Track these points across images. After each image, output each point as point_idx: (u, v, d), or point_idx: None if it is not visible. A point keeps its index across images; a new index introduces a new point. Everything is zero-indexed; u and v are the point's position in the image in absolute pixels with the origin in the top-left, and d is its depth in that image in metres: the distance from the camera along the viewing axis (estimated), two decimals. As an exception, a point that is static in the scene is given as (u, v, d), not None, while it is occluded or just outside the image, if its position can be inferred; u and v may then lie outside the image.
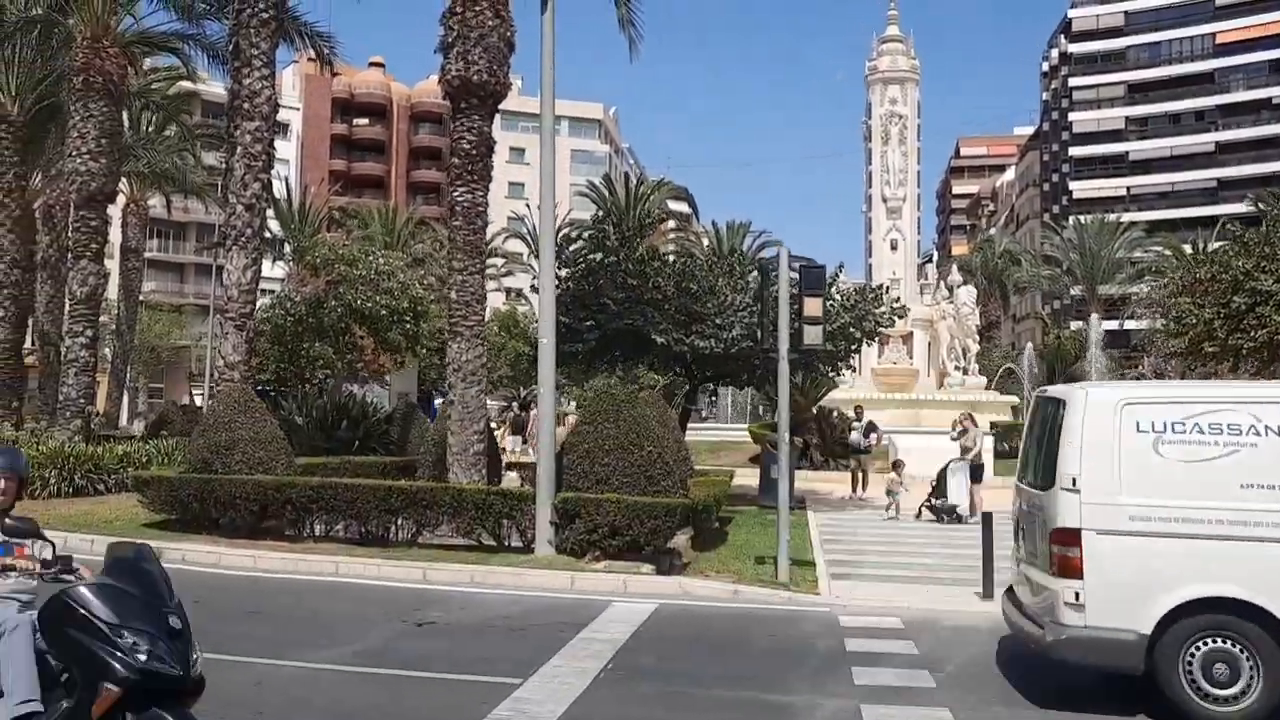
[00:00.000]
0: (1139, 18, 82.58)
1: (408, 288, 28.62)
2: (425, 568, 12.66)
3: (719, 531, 16.62)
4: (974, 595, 11.91)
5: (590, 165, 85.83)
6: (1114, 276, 62.78)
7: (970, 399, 36.39)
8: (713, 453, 31.29)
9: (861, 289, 22.01)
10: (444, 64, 16.29)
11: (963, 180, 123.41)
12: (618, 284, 20.54)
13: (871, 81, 41.23)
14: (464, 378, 16.00)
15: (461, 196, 16.38)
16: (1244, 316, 20.93)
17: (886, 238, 39.93)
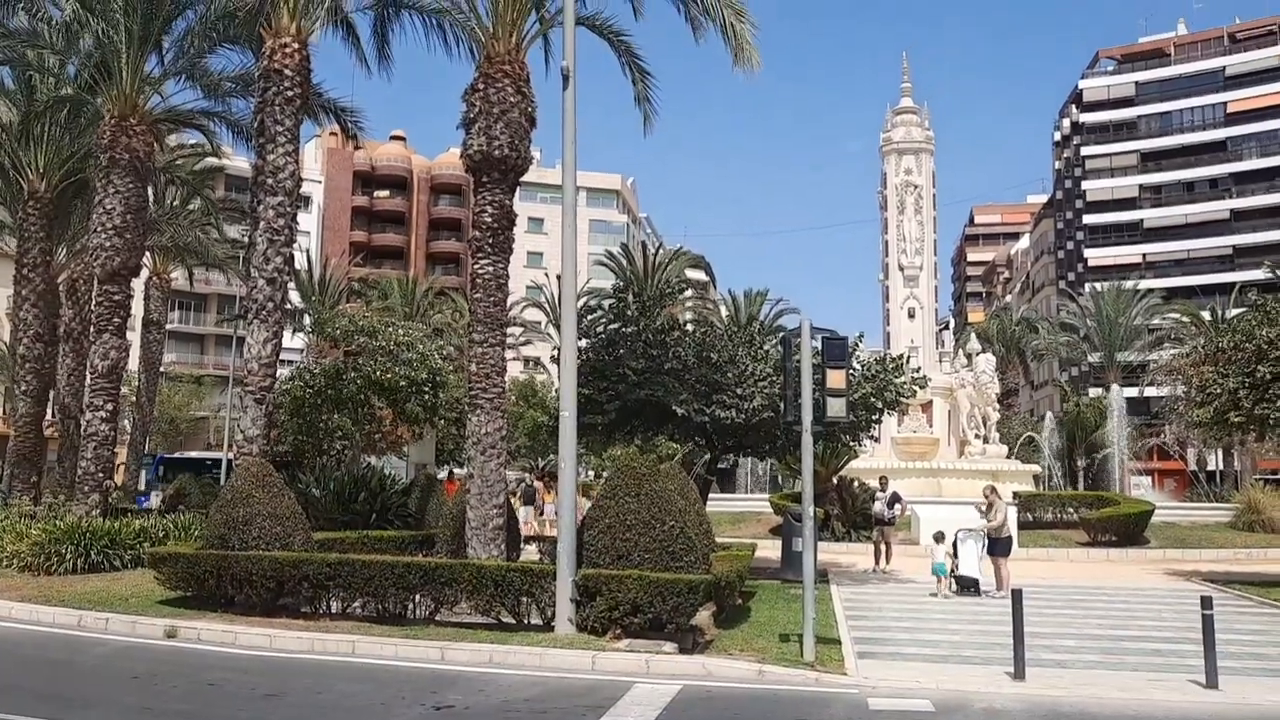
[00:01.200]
0: (1149, 88, 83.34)
1: (427, 358, 28.62)
2: (443, 647, 12.44)
3: (742, 607, 16.34)
4: (1005, 675, 11.59)
5: (608, 235, 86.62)
6: (1132, 343, 62.46)
7: (991, 468, 36.01)
8: (733, 524, 30.95)
9: (882, 359, 21.89)
10: (466, 139, 16.50)
11: (978, 248, 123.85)
12: (638, 354, 20.50)
13: (886, 152, 41.58)
14: (483, 450, 15.91)
15: (482, 269, 16.47)
16: (1269, 386, 20.63)
17: (904, 306, 39.90)
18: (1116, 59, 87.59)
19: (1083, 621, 16.28)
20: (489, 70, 16.34)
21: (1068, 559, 27.68)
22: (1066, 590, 20.32)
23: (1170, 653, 13.38)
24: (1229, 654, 12.76)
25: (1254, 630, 15.68)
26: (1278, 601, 18.67)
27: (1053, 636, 14.44)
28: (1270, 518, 31.45)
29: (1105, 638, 14.70)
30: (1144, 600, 19.24)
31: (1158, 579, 23.14)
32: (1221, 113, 79.81)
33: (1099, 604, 18.63)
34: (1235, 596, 19.71)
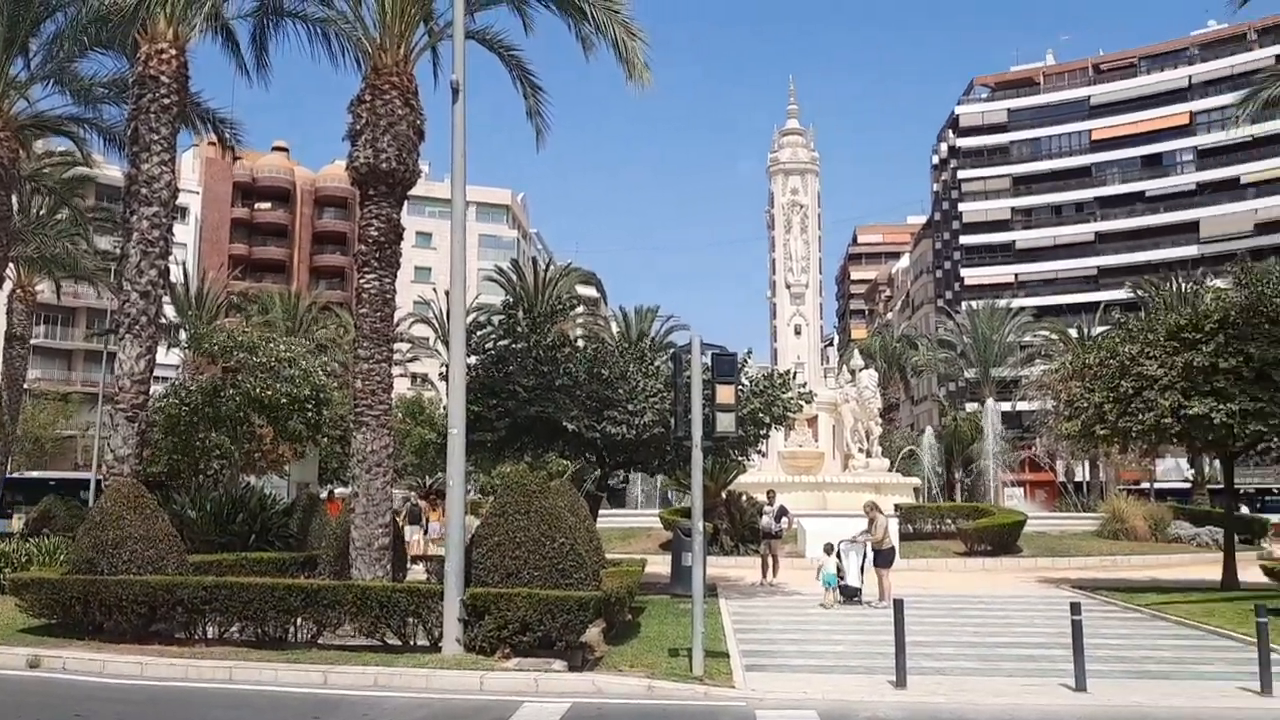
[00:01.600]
0: (1020, 115, 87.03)
1: (309, 375, 27.92)
2: (326, 670, 12.12)
3: (632, 623, 16.36)
4: (887, 683, 11.87)
5: (498, 250, 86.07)
6: (1005, 360, 64.88)
7: (874, 481, 36.93)
8: (624, 540, 30.98)
9: (770, 374, 22.24)
10: (352, 151, 16.19)
11: (861, 267, 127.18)
12: (528, 370, 20.38)
13: (774, 172, 42.41)
14: (369, 469, 15.59)
15: (369, 284, 16.16)
16: (1132, 400, 21.69)
17: (790, 323, 40.68)
18: (990, 86, 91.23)
19: (961, 629, 16.79)
20: (376, 82, 16.09)
21: (946, 568, 28.53)
22: (945, 599, 20.92)
23: (1042, 658, 13.89)
24: (1097, 657, 13.32)
25: (1120, 634, 16.42)
26: (1141, 606, 19.58)
27: (933, 645, 14.84)
28: (1133, 526, 33.00)
29: (982, 645, 15.20)
30: (1018, 607, 19.95)
31: (1030, 586, 24.02)
32: (1087, 140, 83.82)
33: (976, 612, 19.24)
34: (1102, 602, 20.60)
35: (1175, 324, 22.37)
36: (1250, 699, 11.47)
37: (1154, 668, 13.50)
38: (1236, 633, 15.74)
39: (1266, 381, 20.57)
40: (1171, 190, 79.68)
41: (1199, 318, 22.04)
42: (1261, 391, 20.54)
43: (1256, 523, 37.84)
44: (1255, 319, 21.05)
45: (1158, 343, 22.08)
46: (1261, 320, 20.95)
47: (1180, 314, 23.57)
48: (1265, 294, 21.30)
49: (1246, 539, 34.11)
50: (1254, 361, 20.50)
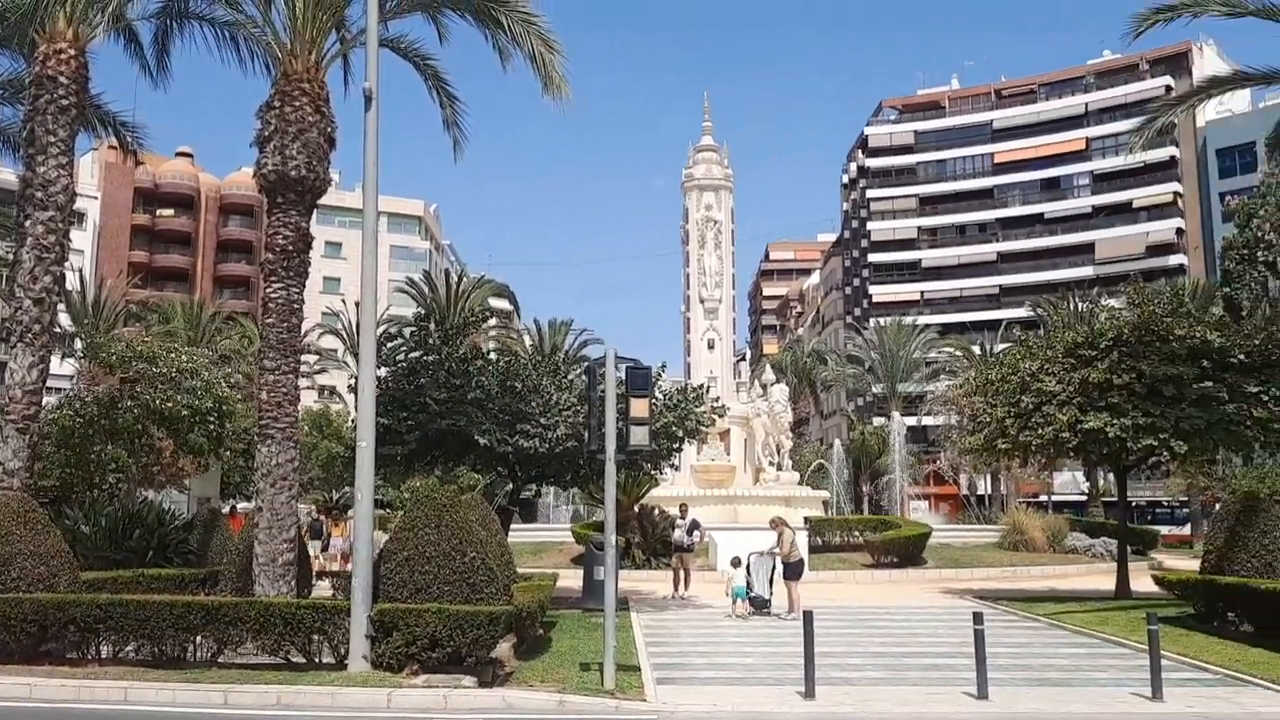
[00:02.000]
0: (927, 137, 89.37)
1: (212, 386, 27.16)
2: (227, 690, 11.78)
3: (543, 638, 16.25)
4: (796, 694, 12.01)
5: (410, 261, 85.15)
6: (911, 375, 66.36)
7: (784, 494, 37.37)
8: (536, 554, 30.78)
9: (683, 388, 22.37)
10: (260, 158, 15.83)
11: (772, 283, 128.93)
12: (440, 383, 20.14)
13: (688, 188, 42.76)
14: (274, 482, 15.21)
15: (275, 293, 15.79)
16: (1032, 415, 22.38)
17: (704, 337, 41.00)
18: (898, 109, 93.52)
19: (868, 640, 17.07)
20: (286, 88, 15.77)
21: (854, 580, 28.98)
22: (854, 611, 21.25)
23: (946, 667, 14.20)
24: (998, 666, 13.65)
25: (1020, 643, 16.87)
26: (1040, 616, 20.15)
27: (842, 655, 15.07)
28: (1032, 537, 33.97)
29: (889, 655, 15.47)
30: (923, 618, 20.36)
31: (935, 597, 24.54)
32: (990, 162, 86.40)
33: (883, 623, 19.58)
34: (1003, 612, 21.14)
35: (1072, 341, 23.16)
36: (1142, 704, 11.89)
37: (1052, 675, 13.90)
38: (1129, 640, 16.30)
39: (1157, 397, 21.41)
40: (1069, 213, 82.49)
41: (1094, 336, 22.85)
42: (1153, 407, 21.37)
43: (1147, 534, 39.32)
44: (1147, 337, 21.91)
45: (1056, 359, 22.83)
46: (1152, 339, 21.80)
47: (1077, 332, 24.40)
48: (1155, 314, 22.19)
49: (1138, 550, 35.37)
50: (1145, 378, 21.32)
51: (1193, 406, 21.22)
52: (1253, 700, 12.16)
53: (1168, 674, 12.89)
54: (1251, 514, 18.28)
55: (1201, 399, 21.20)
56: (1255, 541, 17.90)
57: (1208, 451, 22.78)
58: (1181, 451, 21.67)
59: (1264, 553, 17.73)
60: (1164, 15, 18.43)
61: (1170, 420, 21.24)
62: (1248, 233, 28.22)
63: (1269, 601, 15.96)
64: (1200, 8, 18.33)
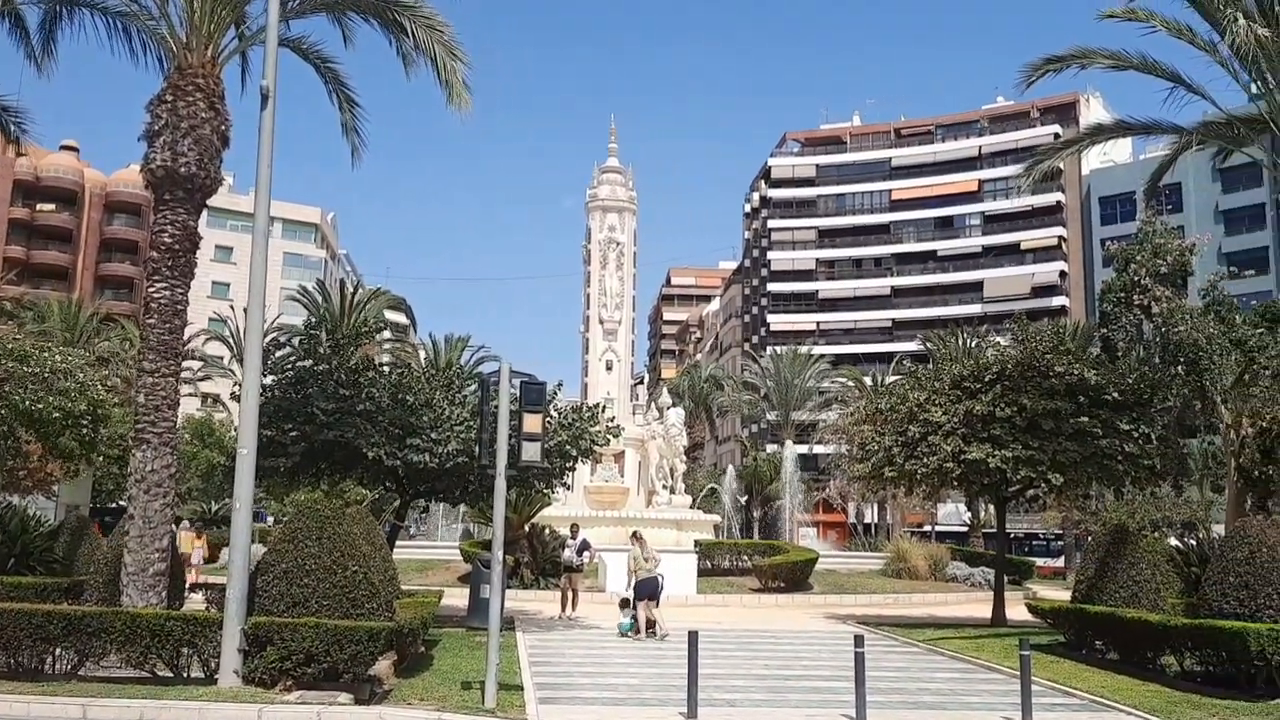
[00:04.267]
0: (828, 171, 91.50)
1: (86, 388, 25.98)
2: (86, 704, 11.21)
3: (425, 656, 15.94)
4: (679, 715, 11.99)
5: (304, 270, 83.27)
6: (805, 404, 67.49)
7: (676, 517, 37.52)
8: (422, 572, 30.26)
9: (579, 407, 22.29)
10: (149, 152, 15.28)
11: (673, 308, 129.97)
12: (328, 394, 19.63)
13: (592, 208, 42.82)
14: (148, 489, 14.60)
15: (159, 293, 15.23)
16: (918, 444, 22.95)
17: (603, 358, 40.99)
18: (801, 141, 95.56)
19: (753, 663, 17.17)
20: (180, 82, 15.28)
21: (741, 604, 29.18)
22: (740, 634, 21.38)
23: (827, 690, 14.37)
24: (877, 689, 13.87)
25: (899, 667, 17.19)
26: (919, 641, 20.58)
27: (726, 677, 15.12)
28: (914, 565, 34.75)
29: (772, 677, 15.59)
30: (807, 642, 20.60)
31: (820, 622, 24.86)
32: (887, 199, 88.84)
33: (768, 646, 19.73)
34: (884, 637, 21.53)
35: (959, 375, 23.86)
36: (1012, 728, 12.21)
37: (929, 699, 14.19)
38: (1002, 666, 16.74)
39: (1036, 430, 22.18)
40: (961, 251, 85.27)
41: (980, 369, 23.58)
42: (1032, 439, 22.13)
43: (1024, 565, 40.64)
44: (1028, 373, 22.71)
45: (943, 391, 23.48)
46: (1034, 374, 22.61)
47: (964, 365, 25.15)
48: (1037, 351, 23.01)
49: (1015, 579, 36.49)
50: (1026, 411, 22.07)
51: (1069, 440, 22.04)
52: (1115, 725, 12.60)
53: (1038, 699, 13.25)
54: (1120, 545, 19.00)
55: (1077, 433, 22.04)
56: (1123, 573, 18.58)
57: (1082, 484, 23.66)
58: (1058, 483, 22.46)
59: (1130, 584, 18.42)
60: (1054, 65, 19.21)
61: (1048, 453, 22.02)
62: (1124, 277, 29.44)
63: (1134, 630, 16.57)
64: (1087, 59, 19.17)
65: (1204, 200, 70.00)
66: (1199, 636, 15.03)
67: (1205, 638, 14.88)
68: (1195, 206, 69.81)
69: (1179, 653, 15.77)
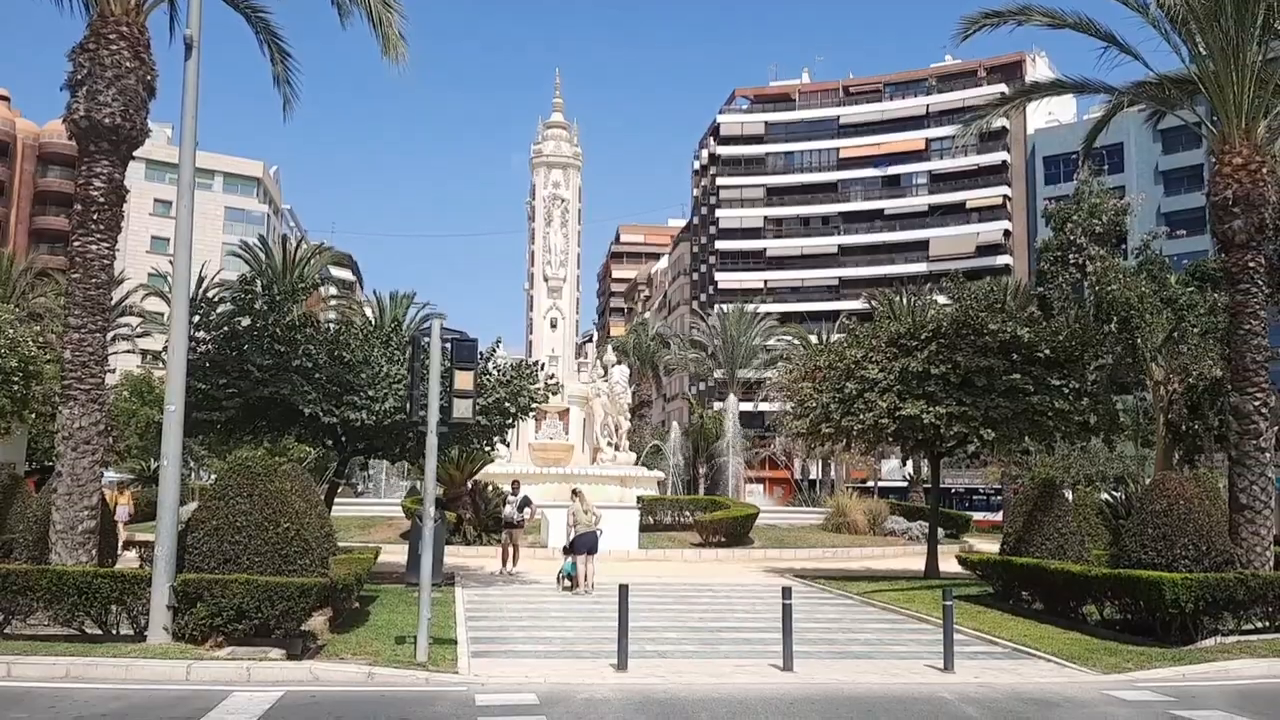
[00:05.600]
0: (776, 128, 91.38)
1: (17, 345, 25.49)
2: (10, 662, 11.14)
3: (361, 611, 16.01)
4: (609, 666, 12.19)
5: (246, 224, 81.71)
6: (751, 361, 67.88)
7: (620, 474, 37.78)
8: (364, 529, 30.21)
9: (518, 365, 22.27)
10: (71, 102, 14.86)
11: (622, 265, 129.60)
12: (263, 349, 19.43)
13: (536, 164, 42.45)
14: (75, 446, 14.37)
15: (84, 247, 14.90)
16: (854, 401, 23.27)
17: (547, 316, 40.89)
18: (750, 98, 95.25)
19: (687, 615, 17.46)
20: (103, 29, 14.84)
21: (682, 559, 29.56)
22: (677, 587, 21.68)
23: (759, 641, 14.65)
24: (808, 639, 14.22)
25: (830, 619, 17.58)
26: (853, 594, 21.03)
27: (660, 630, 15.37)
28: (854, 520, 35.38)
29: (705, 629, 15.87)
30: (743, 595, 20.95)
31: (757, 576, 25.27)
32: (835, 157, 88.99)
33: (704, 599, 20.05)
34: (819, 589, 21.96)
35: (895, 332, 24.18)
36: (934, 674, 12.58)
37: (857, 649, 14.55)
38: (931, 616, 17.16)
39: (970, 387, 22.58)
40: (907, 210, 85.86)
41: (916, 327, 23.91)
42: (965, 396, 22.54)
43: (960, 519, 41.52)
44: (963, 331, 23.06)
45: (880, 349, 23.79)
46: (968, 332, 22.97)
47: (900, 323, 25.47)
48: (972, 309, 23.38)
49: (951, 533, 37.30)
50: (960, 369, 22.45)
51: (1001, 397, 22.48)
52: (1033, 671, 13.03)
53: (962, 648, 13.66)
54: (1048, 499, 19.50)
55: (1010, 390, 22.47)
56: (1050, 525, 19.10)
57: (1014, 439, 24.14)
58: (989, 439, 22.92)
59: (1057, 535, 18.95)
60: (991, 20, 19.27)
61: (980, 409, 22.45)
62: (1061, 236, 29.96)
63: (1057, 580, 17.08)
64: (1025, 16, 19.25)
65: (1145, 160, 71.08)
66: (1118, 586, 15.54)
67: (1124, 587, 15.39)
68: (1136, 166, 70.89)
69: (1100, 602, 16.30)
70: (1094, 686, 12.13)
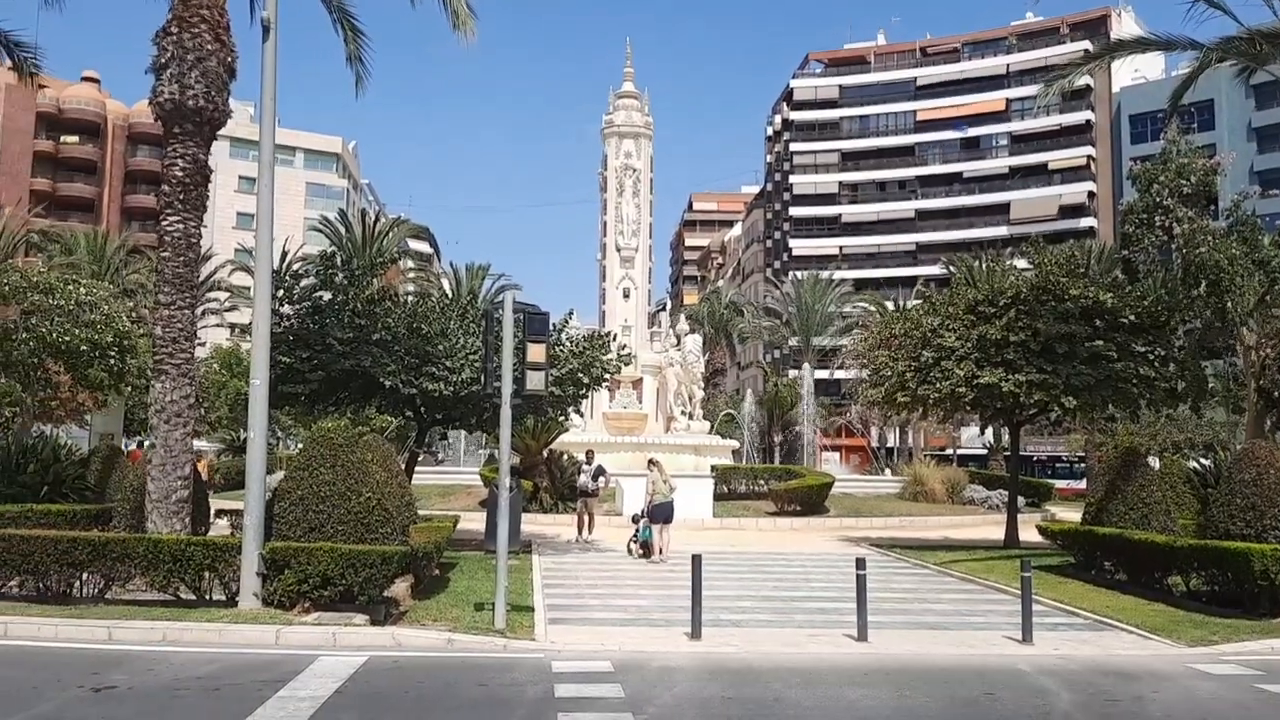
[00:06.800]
0: (851, 92, 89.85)
1: (113, 320, 26.41)
2: (111, 626, 11.66)
3: (441, 578, 16.38)
4: (683, 635, 12.32)
5: (327, 200, 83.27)
6: (826, 329, 67.29)
7: (694, 443, 37.86)
8: (444, 496, 30.85)
9: (590, 336, 22.45)
10: (156, 85, 15.32)
11: (695, 233, 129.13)
12: (344, 323, 19.91)
13: (608, 135, 42.44)
14: (167, 419, 14.94)
15: (171, 226, 15.42)
16: (931, 369, 22.97)
17: (619, 286, 41.00)
18: (824, 62, 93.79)
19: (762, 584, 17.52)
20: (184, 13, 15.24)
21: (757, 527, 29.61)
22: (752, 556, 21.76)
23: (833, 610, 14.67)
24: (883, 610, 14.19)
25: (907, 589, 17.49)
26: (930, 563, 20.87)
27: (734, 599, 15.46)
28: (931, 489, 35.03)
29: (779, 599, 15.92)
30: (817, 564, 20.94)
31: (832, 545, 25.21)
32: (912, 120, 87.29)
33: (778, 568, 20.09)
34: (895, 559, 21.85)
35: (973, 299, 23.75)
36: (1012, 646, 12.46)
37: (933, 619, 14.46)
38: (1009, 587, 16.97)
39: (1050, 354, 22.12)
40: (987, 173, 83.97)
41: (994, 294, 23.46)
42: (1046, 364, 22.09)
43: (1042, 487, 40.80)
44: (1043, 297, 22.57)
45: (957, 316, 23.40)
46: (1049, 298, 22.47)
47: (978, 289, 25.01)
48: (1053, 274, 22.84)
49: (1033, 502, 36.74)
50: (1040, 336, 22.00)
51: (1083, 364, 21.99)
52: (1114, 643, 12.83)
53: (1041, 619, 13.51)
54: (1129, 467, 19.10)
55: (1092, 357, 21.96)
56: (1132, 494, 18.72)
57: (1096, 408, 23.63)
58: (1071, 407, 22.46)
59: (1140, 505, 18.57)
60: (1073, -24, 18.75)
61: (1061, 377, 21.98)
62: (1147, 198, 28.99)
63: (1141, 551, 16.76)
64: (1108, -30, 18.73)
65: (1237, 117, 68.38)
66: (1205, 557, 15.19)
67: (1210, 558, 15.04)
68: (1228, 123, 68.24)
69: (1185, 573, 15.95)
70: (1178, 659, 11.92)
